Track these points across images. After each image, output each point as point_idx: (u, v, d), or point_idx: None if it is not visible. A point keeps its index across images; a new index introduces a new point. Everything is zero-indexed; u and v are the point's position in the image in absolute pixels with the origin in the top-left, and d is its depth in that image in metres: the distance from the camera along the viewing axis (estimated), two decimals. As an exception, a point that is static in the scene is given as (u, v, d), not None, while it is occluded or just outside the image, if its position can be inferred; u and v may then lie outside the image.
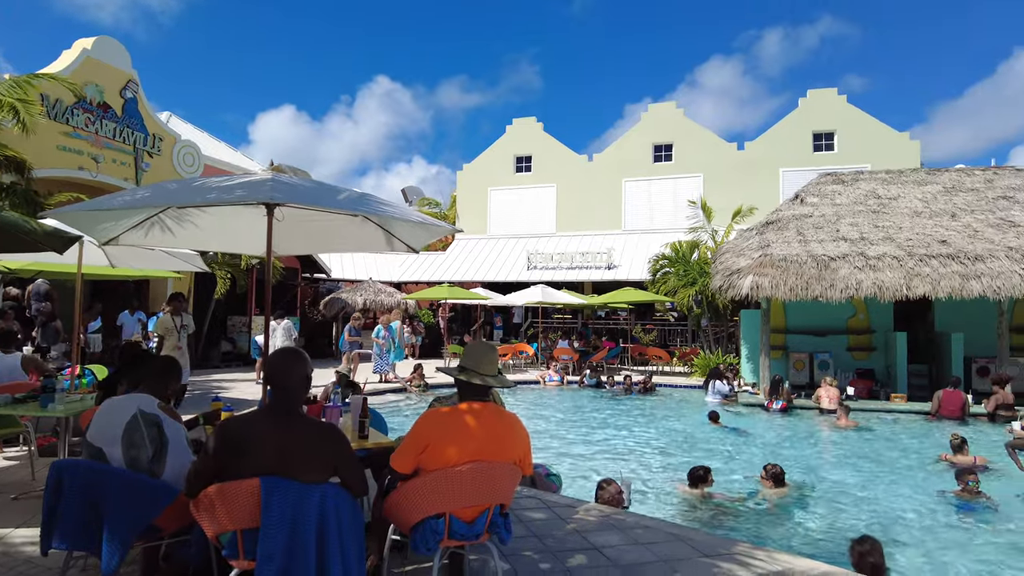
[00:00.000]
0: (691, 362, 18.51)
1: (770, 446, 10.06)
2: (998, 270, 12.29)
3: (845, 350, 15.37)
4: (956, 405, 11.65)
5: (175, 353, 8.83)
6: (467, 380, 3.24)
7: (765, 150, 26.32)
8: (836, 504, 6.96)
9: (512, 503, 5.13)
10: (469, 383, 3.25)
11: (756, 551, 4.30)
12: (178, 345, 9.03)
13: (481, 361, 3.28)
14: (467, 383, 3.26)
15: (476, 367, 3.26)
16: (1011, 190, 16.04)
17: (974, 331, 13.97)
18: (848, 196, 16.74)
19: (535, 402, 14.29)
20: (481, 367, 3.26)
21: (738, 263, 14.10)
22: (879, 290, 12.56)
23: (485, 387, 3.27)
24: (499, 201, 29.58)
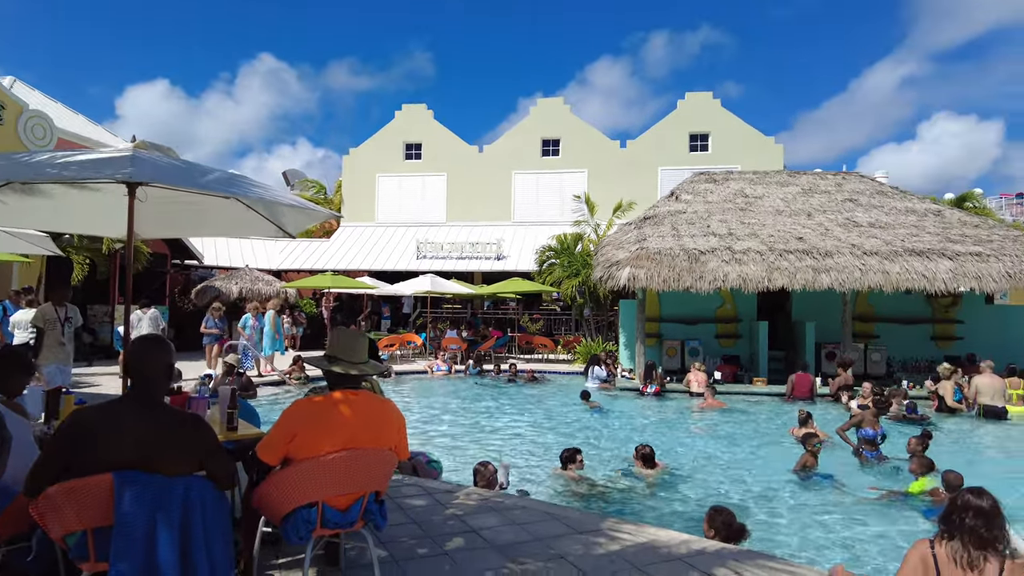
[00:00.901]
0: (574, 350, 19.14)
1: (644, 427, 10.65)
2: (843, 265, 13.64)
3: (713, 337, 16.49)
4: (806, 387, 12.85)
5: (57, 349, 8.06)
6: (343, 371, 3.20)
7: (646, 149, 27.58)
8: (702, 479, 7.49)
9: (392, 491, 5.12)
10: (340, 373, 3.21)
11: (624, 525, 4.57)
12: (61, 340, 8.17)
13: (349, 349, 3.26)
14: (338, 373, 3.22)
15: (345, 355, 3.23)
16: (856, 194, 17.83)
17: (824, 320, 15.43)
18: (719, 194, 17.92)
19: (422, 392, 14.26)
20: (350, 355, 3.23)
21: (617, 256, 14.74)
22: (744, 282, 13.58)
23: (358, 376, 3.24)
24: (387, 188, 29.06)
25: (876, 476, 7.55)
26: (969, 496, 3.38)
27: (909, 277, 13.36)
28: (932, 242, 14.55)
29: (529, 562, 3.81)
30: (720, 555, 4.00)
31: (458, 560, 3.85)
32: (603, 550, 4.03)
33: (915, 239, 14.74)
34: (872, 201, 17.32)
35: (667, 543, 4.18)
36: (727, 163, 25.81)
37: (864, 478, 7.42)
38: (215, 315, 14.37)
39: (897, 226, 15.63)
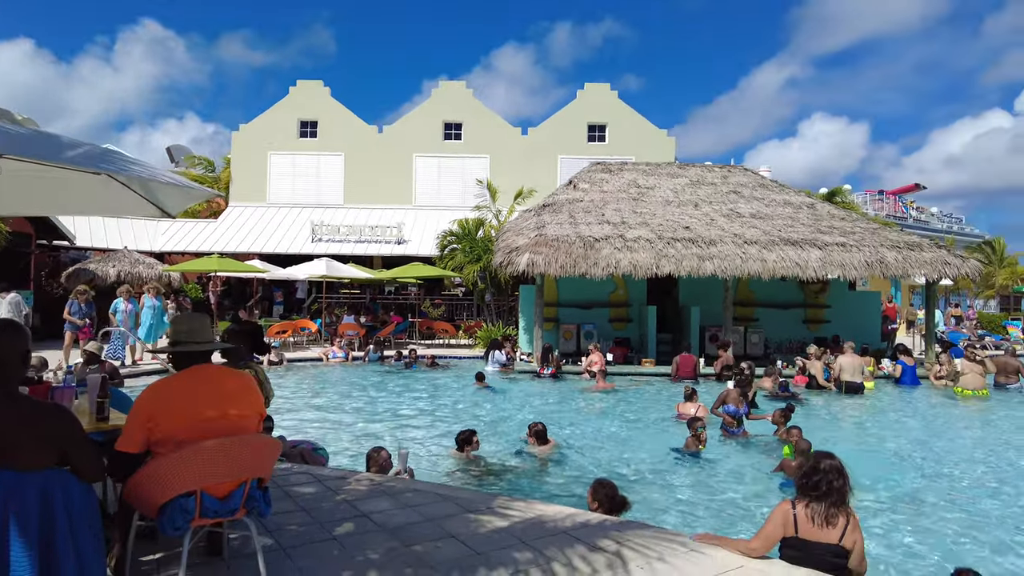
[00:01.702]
0: (475, 335, 19.28)
1: (540, 408, 10.94)
2: (726, 253, 14.51)
3: (607, 321, 17.12)
4: (690, 367, 13.63)
5: None
6: (188, 350, 3.18)
7: (546, 137, 28.02)
8: (592, 456, 7.81)
9: (280, 479, 5.01)
10: (188, 353, 3.18)
11: (514, 502, 4.71)
12: None
13: (195, 330, 3.24)
14: (185, 352, 3.18)
15: (192, 337, 3.21)
16: (740, 186, 18.97)
17: (708, 304, 16.38)
18: (614, 184, 18.54)
19: (317, 380, 13.91)
20: (194, 336, 3.21)
21: (517, 242, 14.95)
22: (635, 268, 14.16)
23: (205, 353, 3.22)
24: (280, 167, 27.87)
25: (753, 453, 8.15)
26: (827, 461, 3.78)
27: (784, 265, 14.42)
28: (805, 233, 15.76)
29: (419, 543, 3.86)
30: (603, 527, 4.21)
31: (347, 544, 3.84)
32: (493, 527, 4.15)
33: (790, 230, 15.91)
34: (754, 193, 18.50)
35: (554, 517, 4.35)
36: (622, 154, 26.70)
37: (742, 456, 7.99)
38: (80, 299, 12.85)
39: (775, 217, 16.81)
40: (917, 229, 36.27)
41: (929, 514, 5.95)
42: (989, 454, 8.36)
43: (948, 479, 7.17)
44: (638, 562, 3.63)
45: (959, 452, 8.48)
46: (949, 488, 6.82)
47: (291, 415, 9.87)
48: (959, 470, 7.56)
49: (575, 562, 3.61)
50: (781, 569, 3.63)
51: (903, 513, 5.95)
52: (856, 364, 12.74)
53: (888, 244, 15.44)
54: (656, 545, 3.88)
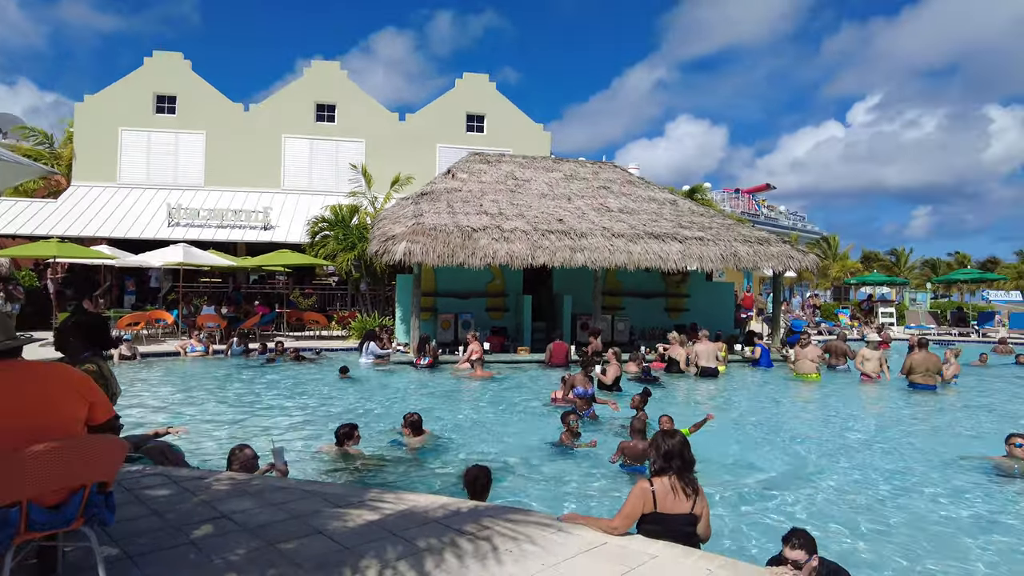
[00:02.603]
0: (349, 325, 18.78)
1: (417, 398, 10.86)
2: (595, 245, 15.11)
3: (484, 311, 17.30)
4: (562, 354, 14.10)
5: None
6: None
7: (425, 124, 27.70)
8: (468, 444, 7.87)
9: (128, 482, 4.64)
10: None
11: (386, 495, 4.65)
12: None
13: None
14: None
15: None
16: (609, 182, 19.79)
17: (580, 294, 17.00)
18: (492, 175, 18.71)
19: (174, 375, 12.94)
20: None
21: (394, 230, 14.71)
22: (511, 259, 14.40)
23: None
24: (133, 143, 25.51)
25: (617, 438, 8.57)
26: (674, 439, 4.06)
27: (648, 257, 15.24)
28: (667, 227, 16.74)
29: (283, 541, 3.71)
30: (473, 514, 4.26)
31: (204, 547, 3.61)
32: (363, 521, 4.07)
33: (655, 224, 16.84)
34: (622, 189, 19.39)
35: (425, 508, 4.35)
36: (500, 146, 26.97)
37: (612, 442, 8.36)
38: None
39: (641, 212, 17.71)
40: (767, 225, 39.72)
41: (778, 484, 6.55)
42: (823, 427, 9.35)
43: (785, 452, 7.93)
44: (507, 546, 3.71)
45: (797, 428, 9.41)
46: (791, 460, 7.53)
47: (144, 413, 9.13)
48: (801, 445, 8.37)
49: (445, 551, 3.63)
50: (640, 543, 3.86)
51: (751, 484, 6.51)
52: (711, 350, 13.75)
53: (741, 239, 16.77)
54: (525, 528, 3.98)
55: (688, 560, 3.63)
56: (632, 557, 3.63)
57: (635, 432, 6.79)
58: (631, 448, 6.59)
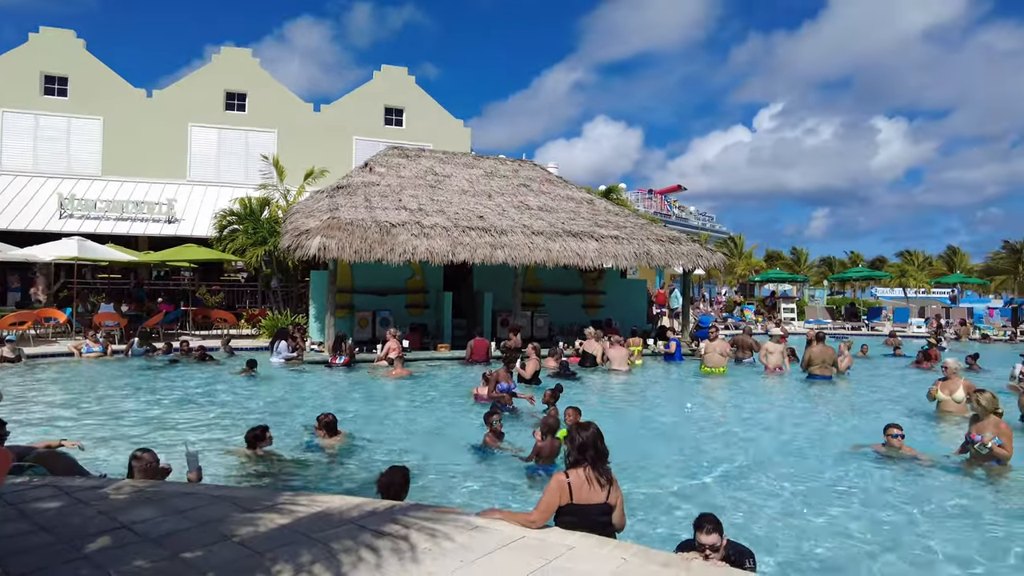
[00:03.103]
0: (259, 324, 18.09)
1: (332, 398, 10.61)
2: (516, 242, 15.23)
3: (404, 308, 17.08)
4: (482, 351, 14.14)
5: None
6: None
7: (341, 116, 27.03)
8: (385, 444, 7.75)
9: (12, 495, 4.30)
10: None
11: (299, 497, 4.52)
12: None
13: None
14: None
15: None
16: (529, 180, 19.99)
17: (500, 290, 17.08)
18: (411, 170, 18.49)
19: (67, 378, 12.05)
20: None
21: (307, 224, 14.28)
22: (431, 255, 14.29)
23: None
24: (18, 127, 23.52)
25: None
26: (587, 431, 4.16)
27: (567, 254, 15.51)
28: (585, 226, 17.09)
29: (189, 550, 3.54)
30: (390, 513, 4.21)
31: (101, 562, 3.39)
32: (275, 525, 3.93)
33: (572, 222, 17.15)
34: (542, 188, 19.63)
35: (341, 509, 4.25)
36: (420, 140, 26.70)
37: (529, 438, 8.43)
38: None
39: (559, 211, 18.00)
40: (678, 225, 41.24)
41: (687, 472, 6.82)
42: (729, 418, 9.82)
43: (692, 442, 8.27)
44: (426, 544, 3.68)
45: (705, 418, 9.84)
46: (698, 450, 7.86)
47: (32, 419, 8.46)
48: (707, 435, 8.76)
49: (362, 551, 3.56)
50: (557, 535, 3.93)
51: (662, 474, 6.75)
52: (623, 355, 13.98)
53: (654, 238, 17.34)
54: (443, 526, 3.97)
55: (603, 550, 3.73)
56: (550, 549, 3.69)
57: (546, 431, 6.69)
58: (545, 447, 6.59)
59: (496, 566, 3.46)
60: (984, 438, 6.75)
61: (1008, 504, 5.98)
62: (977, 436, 6.82)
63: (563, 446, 6.50)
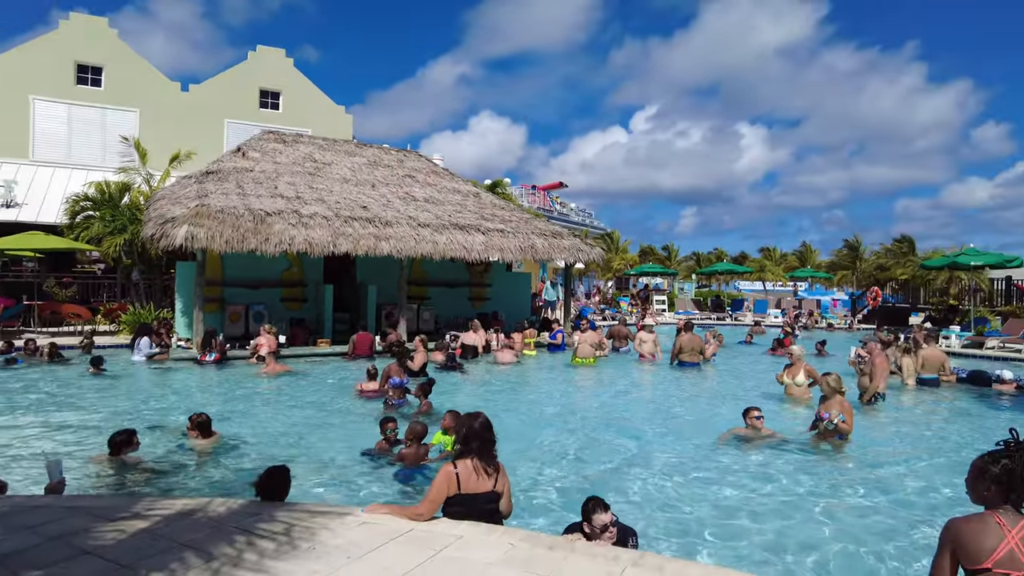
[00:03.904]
0: (119, 319, 16.63)
1: (203, 397, 9.97)
2: (401, 234, 15.00)
3: (280, 301, 16.32)
4: (366, 345, 13.83)
5: None
6: None
7: (211, 97, 25.35)
8: (264, 445, 7.39)
9: None
10: None
11: (169, 503, 4.22)
12: None
13: None
14: None
15: None
16: (414, 171, 19.75)
17: (384, 283, 16.75)
18: (288, 156, 17.69)
19: None
20: None
21: (174, 211, 13.30)
22: (310, 246, 13.76)
23: None
24: None
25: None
26: (477, 421, 4.20)
27: (453, 247, 15.49)
28: (471, 219, 17.14)
29: (40, 569, 3.20)
30: (270, 513, 4.03)
31: (-73, 588, 2.99)
32: (143, 534, 3.65)
33: (459, 215, 17.15)
34: (427, 179, 19.46)
35: (217, 512, 4.02)
36: (298, 125, 25.62)
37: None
38: None
39: (446, 203, 17.93)
40: (560, 221, 42.39)
41: (566, 459, 7.04)
42: (606, 405, 10.25)
43: (572, 428, 8.57)
44: (309, 543, 3.57)
45: (583, 406, 10.22)
46: (578, 436, 8.14)
47: None
48: (587, 422, 9.09)
49: (243, 554, 3.39)
50: (446, 525, 3.93)
51: (544, 460, 6.93)
52: (510, 355, 14.18)
53: (537, 232, 17.72)
54: (328, 523, 3.86)
55: (492, 537, 3.78)
56: (438, 540, 3.69)
57: (412, 437, 6.42)
58: (409, 454, 6.37)
59: (384, 560, 3.41)
60: (831, 415, 7.50)
61: (849, 471, 6.70)
62: (825, 414, 7.57)
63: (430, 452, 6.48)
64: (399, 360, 10.23)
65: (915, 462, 7.14)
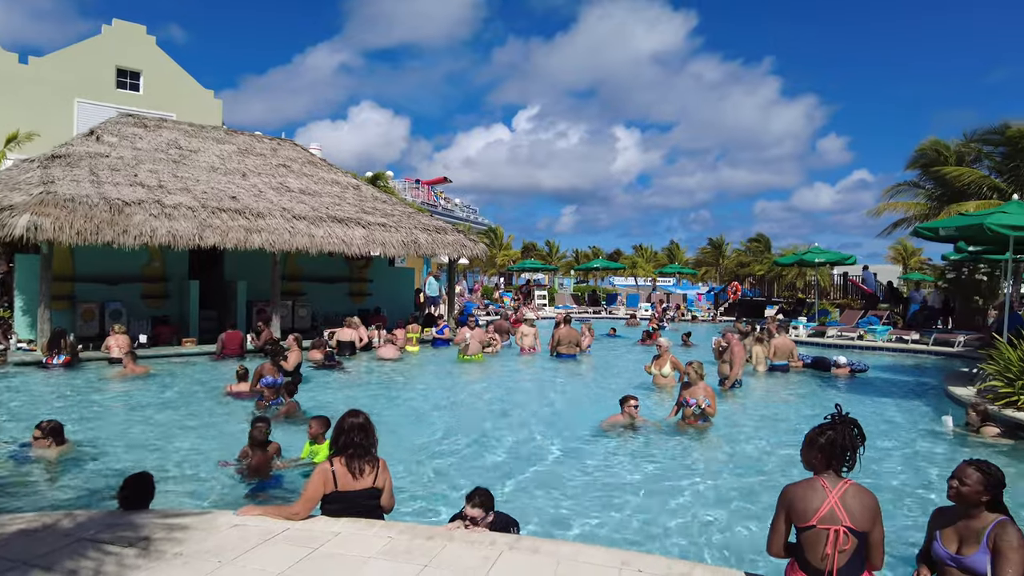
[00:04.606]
0: (-57, 318, 14.68)
1: (51, 403, 9.08)
2: (275, 227, 14.39)
3: (139, 298, 15.12)
4: (236, 344, 13.16)
5: None
6: None
7: (58, 72, 22.97)
8: (122, 452, 6.86)
9: None
10: None
11: (10, 520, 3.85)
12: None
13: None
14: None
15: None
16: (289, 160, 18.98)
17: (256, 279, 15.96)
18: (149, 142, 16.43)
19: None
20: None
21: (12, 198, 11.99)
22: (174, 238, 12.88)
23: None
24: None
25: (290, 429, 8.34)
26: (351, 419, 4.16)
27: (331, 241, 15.06)
28: (351, 212, 16.75)
29: None
30: (131, 523, 3.79)
31: None
32: (-23, 554, 3.31)
33: (338, 208, 16.70)
34: (303, 169, 18.77)
35: (70, 525, 3.72)
36: (161, 109, 23.83)
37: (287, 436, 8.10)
38: None
39: (323, 195, 17.39)
40: (444, 216, 42.25)
41: (449, 451, 7.11)
42: (491, 399, 10.44)
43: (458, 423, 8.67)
44: (177, 549, 3.40)
45: (469, 400, 10.35)
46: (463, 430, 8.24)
47: None
48: (472, 415, 9.22)
49: (103, 565, 3.17)
50: (323, 524, 3.89)
51: (430, 453, 6.97)
52: (393, 351, 14.04)
53: (421, 227, 17.62)
54: (196, 527, 3.69)
55: (371, 531, 3.79)
56: (315, 538, 3.64)
57: (253, 443, 6.05)
58: (255, 461, 5.98)
59: (258, 562, 3.32)
60: (698, 400, 8.11)
61: (713, 449, 7.29)
62: (692, 400, 8.16)
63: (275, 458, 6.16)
64: (272, 359, 9.84)
65: (768, 438, 7.90)
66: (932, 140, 23.80)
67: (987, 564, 3.00)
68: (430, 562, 3.38)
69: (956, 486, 3.21)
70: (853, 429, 3.16)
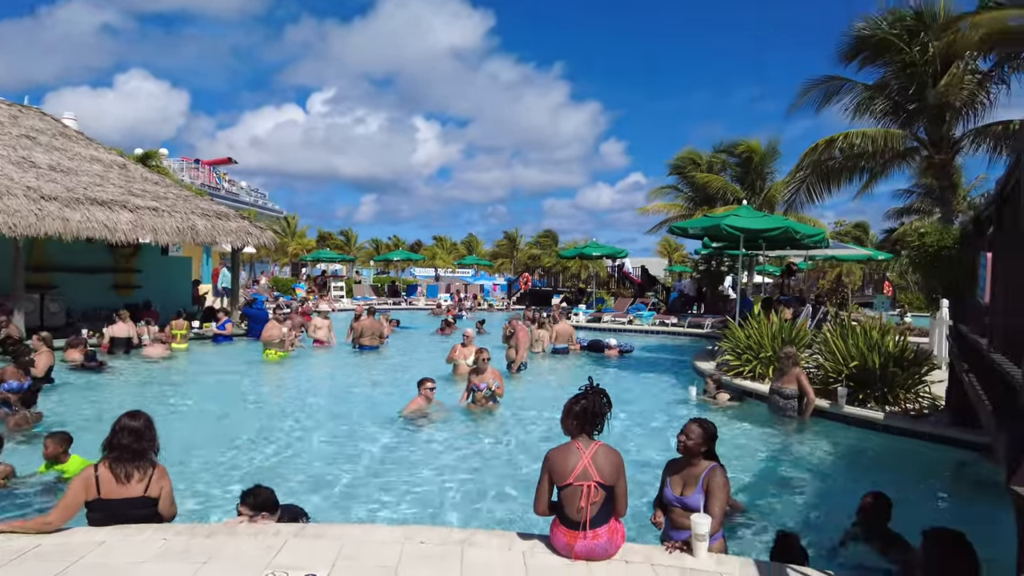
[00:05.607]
0: None
1: None
2: (16, 208, 12.37)
3: None
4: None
5: None
6: None
7: None
8: None
9: None
10: None
11: None
12: None
13: None
14: None
15: None
16: (36, 132, 16.38)
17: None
18: None
19: None
20: None
21: None
22: None
23: None
24: None
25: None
26: (123, 419, 3.86)
27: (91, 226, 13.32)
28: (116, 193, 14.93)
29: None
30: None
31: None
32: None
33: (99, 188, 14.79)
34: (54, 143, 16.32)
35: None
36: None
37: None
38: None
39: (81, 173, 15.29)
40: (229, 200, 39.04)
41: (241, 449, 6.78)
42: (287, 395, 10.07)
43: (250, 420, 8.28)
44: None
45: (252, 393, 9.89)
46: (252, 428, 7.87)
47: None
48: (263, 412, 8.82)
49: None
50: (84, 534, 3.58)
51: (223, 453, 6.59)
52: (161, 351, 12.86)
53: (199, 212, 16.25)
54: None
55: (142, 536, 3.57)
56: (74, 551, 3.35)
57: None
58: None
59: (0, 583, 2.99)
60: (489, 384, 8.62)
61: (503, 426, 7.86)
62: (483, 384, 8.63)
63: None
64: (17, 361, 8.53)
65: (551, 413, 8.63)
66: (689, 149, 27.44)
67: (701, 501, 3.69)
68: (209, 559, 3.30)
69: (683, 440, 3.89)
70: (603, 398, 3.68)
